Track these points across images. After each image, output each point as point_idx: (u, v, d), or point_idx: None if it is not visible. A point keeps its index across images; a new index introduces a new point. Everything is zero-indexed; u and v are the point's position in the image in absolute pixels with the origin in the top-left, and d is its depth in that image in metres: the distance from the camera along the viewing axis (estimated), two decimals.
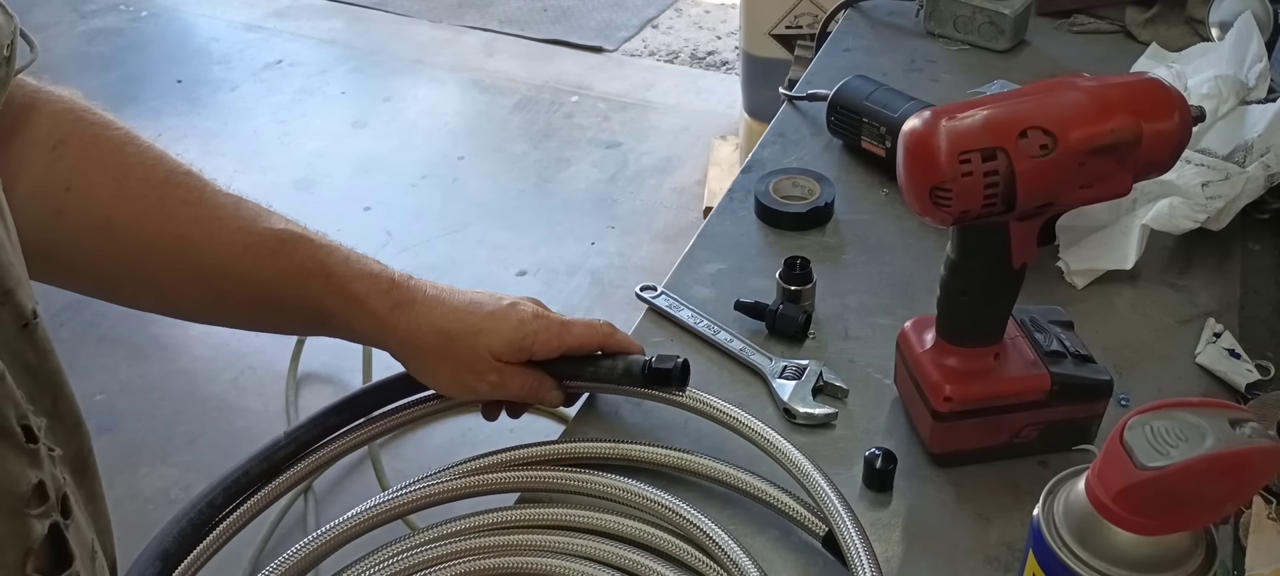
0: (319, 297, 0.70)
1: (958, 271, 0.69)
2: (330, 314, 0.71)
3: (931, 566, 0.68)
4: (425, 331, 0.72)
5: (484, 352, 0.73)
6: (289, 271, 0.70)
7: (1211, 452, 0.47)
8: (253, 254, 0.69)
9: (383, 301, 0.72)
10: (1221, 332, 0.84)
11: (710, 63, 3.56)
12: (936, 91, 1.16)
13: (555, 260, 2.65)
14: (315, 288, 0.70)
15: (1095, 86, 0.65)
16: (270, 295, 0.70)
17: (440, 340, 0.73)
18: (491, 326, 0.74)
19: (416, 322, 0.72)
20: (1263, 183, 0.91)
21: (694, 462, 0.71)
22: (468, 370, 0.73)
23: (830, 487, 0.66)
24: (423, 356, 0.74)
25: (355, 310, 0.71)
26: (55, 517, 0.47)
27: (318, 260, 0.71)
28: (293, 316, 0.73)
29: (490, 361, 0.73)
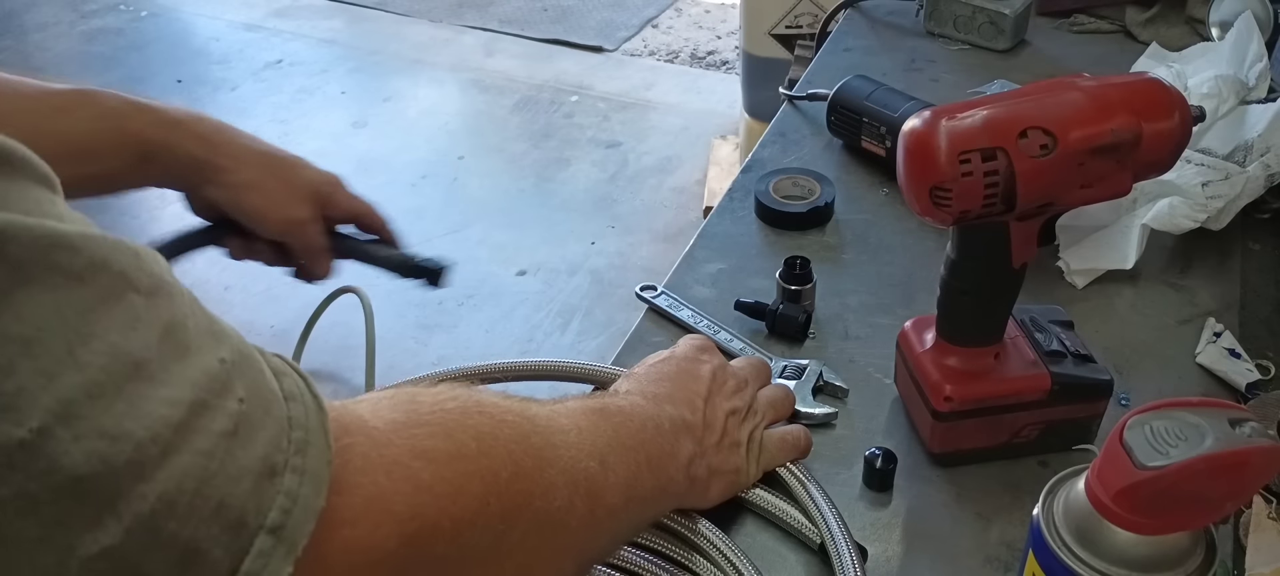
0: (140, 129, 0.70)
1: (958, 271, 0.69)
2: (154, 145, 0.71)
3: (931, 566, 0.68)
4: (251, 152, 0.75)
5: (303, 182, 0.77)
6: (105, 114, 0.69)
7: (1211, 452, 0.47)
8: (63, 110, 0.68)
9: (203, 125, 0.73)
10: (1222, 332, 0.84)
11: (710, 62, 3.56)
12: (936, 91, 1.16)
13: (555, 260, 2.65)
14: (136, 121, 0.70)
15: (1095, 86, 0.65)
16: (89, 145, 0.68)
17: (265, 161, 0.75)
18: (307, 164, 0.78)
19: (241, 143, 0.74)
20: (1263, 182, 0.91)
21: None
22: (289, 194, 0.76)
23: (825, 500, 0.66)
24: (247, 174, 0.75)
25: (181, 133, 0.72)
26: None
27: (128, 100, 0.71)
28: (114, 160, 0.70)
29: (308, 192, 0.77)
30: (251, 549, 0.34)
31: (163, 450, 0.32)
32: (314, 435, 0.37)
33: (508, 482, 0.45)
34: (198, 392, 0.33)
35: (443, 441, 0.43)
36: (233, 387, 0.34)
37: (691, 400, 0.66)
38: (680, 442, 0.62)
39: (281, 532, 0.34)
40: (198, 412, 0.33)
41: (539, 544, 0.48)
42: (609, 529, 0.55)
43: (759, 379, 0.74)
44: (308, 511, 0.35)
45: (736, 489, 0.68)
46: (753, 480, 0.69)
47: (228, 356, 0.35)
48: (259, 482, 0.34)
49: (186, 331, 0.34)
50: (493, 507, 0.44)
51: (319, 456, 0.36)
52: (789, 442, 0.71)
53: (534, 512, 0.47)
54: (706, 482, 0.65)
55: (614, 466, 0.54)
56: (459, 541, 0.42)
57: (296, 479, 0.35)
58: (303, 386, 0.38)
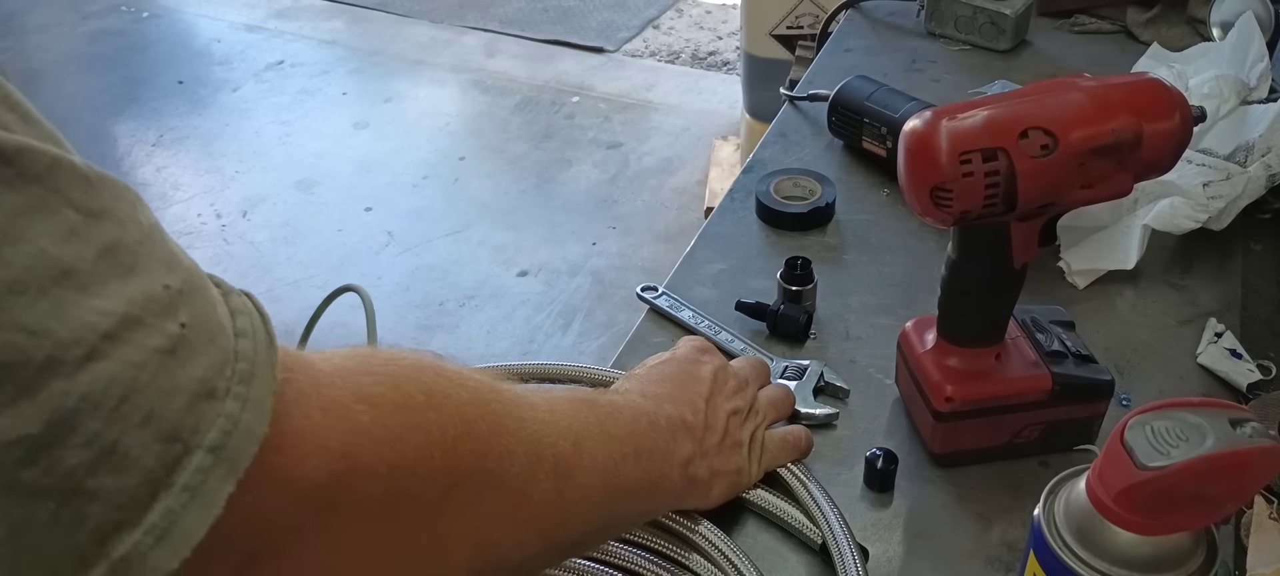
0: None
1: (959, 271, 0.69)
2: None
3: (932, 566, 0.68)
4: None
5: None
6: None
7: (1212, 452, 0.47)
8: None
9: None
10: (1223, 332, 0.84)
11: (711, 63, 3.57)
12: (937, 91, 1.16)
13: (556, 260, 2.65)
14: None
15: (1096, 86, 0.65)
16: None
17: None
18: None
19: None
20: (1264, 182, 0.91)
21: None
22: None
23: (826, 500, 0.66)
24: None
25: None
26: None
27: None
28: None
29: None
30: (189, 464, 0.35)
31: (87, 353, 0.33)
32: (260, 368, 0.37)
33: (455, 440, 0.45)
34: (133, 309, 0.34)
35: (388, 390, 0.44)
36: (175, 312, 0.36)
37: (692, 401, 0.66)
38: (678, 441, 0.62)
39: (221, 452, 0.35)
40: (131, 327, 0.34)
41: (494, 510, 0.48)
42: (583, 513, 0.54)
43: (759, 379, 0.74)
44: (249, 436, 0.36)
45: (738, 489, 0.68)
46: (754, 480, 0.69)
47: (175, 284, 0.36)
48: (196, 402, 0.35)
49: (132, 255, 0.36)
50: (437, 460, 0.44)
51: (263, 387, 0.37)
52: (790, 442, 0.71)
53: (486, 475, 0.47)
54: (708, 483, 0.65)
55: (591, 451, 0.54)
56: (396, 487, 0.42)
57: (238, 405, 0.36)
58: (258, 325, 0.39)
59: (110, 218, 0.36)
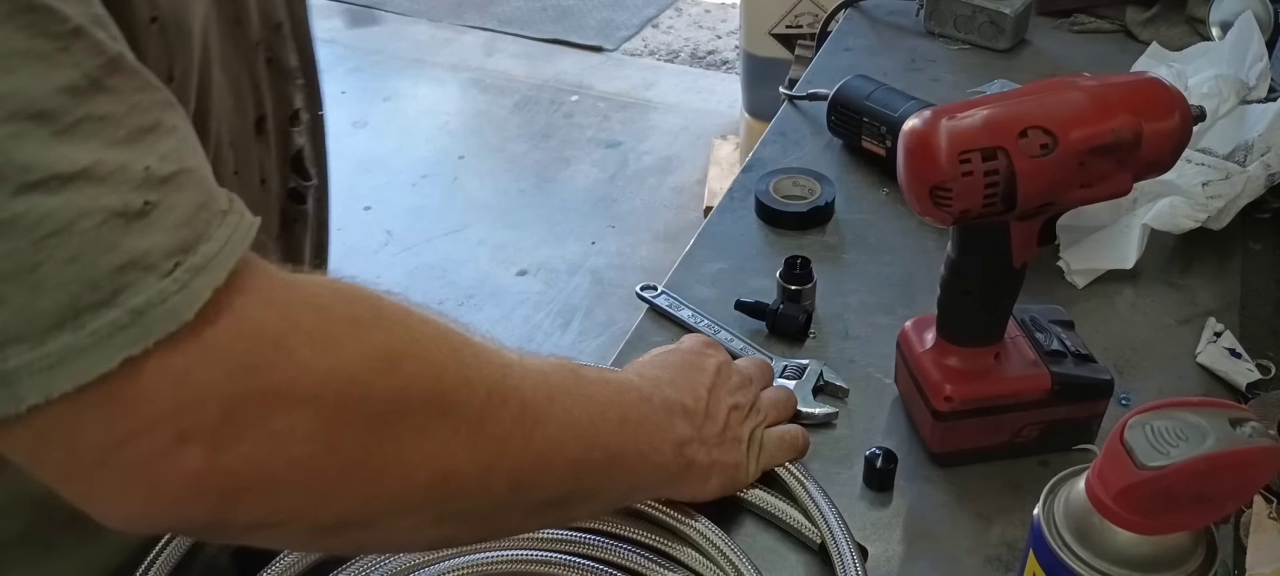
0: None
1: (958, 271, 0.69)
2: None
3: (932, 566, 0.68)
4: None
5: None
6: None
7: (1212, 452, 0.47)
8: None
9: None
10: (1222, 332, 0.84)
11: (710, 62, 3.57)
12: (937, 91, 1.16)
13: (556, 260, 2.66)
14: None
15: (1095, 86, 0.65)
16: None
17: None
18: None
19: None
20: (1263, 182, 0.91)
21: None
22: None
23: (825, 500, 0.66)
24: None
25: None
26: (304, 140, 0.74)
27: None
28: None
29: None
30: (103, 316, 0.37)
31: (32, 183, 0.36)
32: (215, 266, 0.40)
33: (401, 359, 0.46)
34: (100, 169, 0.38)
35: (339, 302, 0.45)
36: (145, 190, 0.39)
37: (693, 388, 0.66)
38: (674, 421, 0.62)
39: (139, 319, 0.38)
40: (91, 181, 0.37)
41: (451, 441, 0.47)
42: (556, 466, 0.53)
43: (763, 379, 0.74)
44: (172, 315, 0.38)
45: (735, 485, 0.68)
46: (752, 478, 0.69)
47: (159, 171, 0.39)
48: (131, 268, 0.38)
49: (127, 133, 0.39)
50: (380, 374, 0.44)
51: (208, 281, 0.39)
52: (788, 442, 0.71)
53: (440, 401, 0.47)
54: (706, 471, 0.65)
55: (566, 406, 0.54)
56: (334, 391, 0.43)
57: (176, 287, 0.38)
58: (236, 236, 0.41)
59: (121, 98, 0.39)
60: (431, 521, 0.49)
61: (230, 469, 0.41)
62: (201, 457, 0.40)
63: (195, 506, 0.41)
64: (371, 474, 0.45)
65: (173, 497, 0.40)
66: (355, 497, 0.45)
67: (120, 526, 0.41)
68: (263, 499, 0.42)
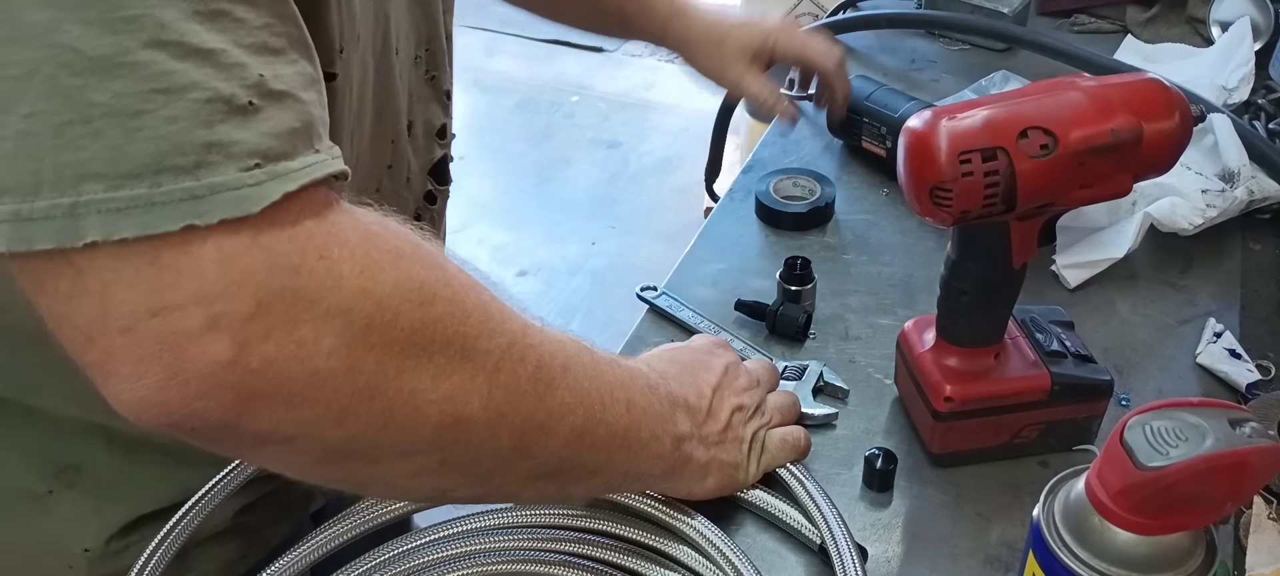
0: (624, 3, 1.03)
1: (958, 271, 0.69)
2: (629, 15, 1.03)
3: (932, 566, 0.68)
4: (701, 25, 1.02)
5: (735, 47, 1.01)
6: None
7: (1211, 452, 0.47)
8: None
9: (666, 8, 1.02)
10: (1222, 332, 0.84)
11: None
12: (936, 91, 1.16)
13: (556, 260, 2.66)
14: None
15: (1095, 86, 0.65)
16: None
17: (709, 31, 1.02)
18: (745, 29, 1.02)
19: (688, 25, 1.02)
20: (1244, 205, 0.93)
21: None
22: (721, 58, 1.01)
23: (825, 500, 0.66)
24: (691, 48, 1.03)
25: (646, 14, 1.02)
26: (447, 151, 0.81)
27: None
28: (606, 15, 1.04)
29: (739, 54, 1.01)
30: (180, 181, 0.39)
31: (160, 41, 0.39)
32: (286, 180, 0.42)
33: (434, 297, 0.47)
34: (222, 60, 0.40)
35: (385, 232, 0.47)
36: (252, 92, 0.41)
37: (698, 386, 0.66)
38: (676, 415, 0.63)
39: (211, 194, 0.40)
40: (211, 62, 0.40)
41: (468, 385, 0.49)
42: (561, 431, 0.54)
43: (770, 383, 0.75)
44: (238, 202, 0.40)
45: (734, 485, 0.68)
46: (752, 479, 0.69)
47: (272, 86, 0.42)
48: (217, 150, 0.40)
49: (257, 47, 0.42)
50: (412, 304, 0.46)
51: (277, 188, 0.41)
52: (790, 443, 0.71)
53: (463, 344, 0.48)
54: (703, 469, 0.65)
55: (578, 377, 0.55)
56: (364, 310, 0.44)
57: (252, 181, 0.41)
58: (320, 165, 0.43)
59: (260, 12, 0.43)
60: (434, 467, 0.50)
61: (252, 367, 0.41)
62: (226, 349, 0.40)
63: (210, 401, 0.41)
64: (387, 402, 0.46)
65: (190, 386, 0.41)
66: (367, 423, 0.46)
67: (128, 411, 0.41)
68: (277, 406, 0.43)
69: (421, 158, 0.77)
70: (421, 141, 0.77)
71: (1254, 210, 0.95)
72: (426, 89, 0.76)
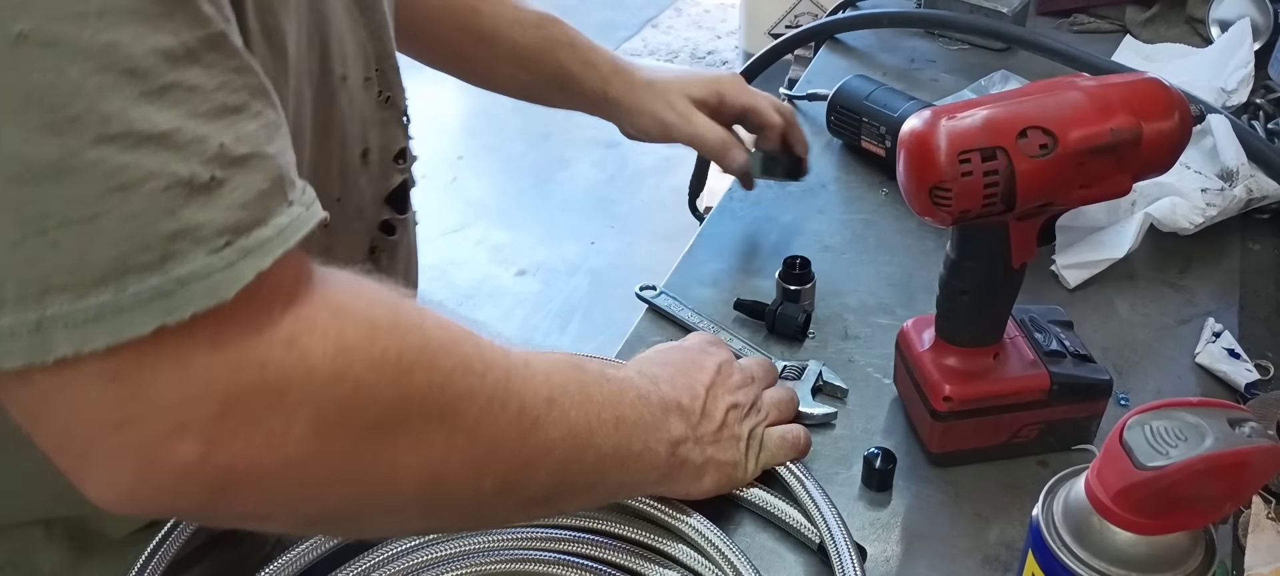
0: (563, 60, 0.93)
1: (957, 271, 0.69)
2: (570, 76, 0.93)
3: (931, 566, 0.68)
4: (639, 79, 0.94)
5: (679, 93, 0.93)
6: (544, 42, 0.93)
7: (1211, 452, 0.47)
8: (521, 24, 0.92)
9: (607, 65, 0.95)
10: (1221, 332, 0.84)
11: (710, 62, 3.56)
12: (936, 91, 1.16)
13: (555, 260, 2.66)
14: (563, 53, 0.93)
15: (1095, 86, 0.65)
16: (529, 57, 0.93)
17: (646, 90, 0.93)
18: (690, 77, 0.95)
19: (632, 79, 0.94)
20: (1244, 204, 0.93)
21: None
22: (664, 106, 0.93)
23: (824, 499, 0.66)
24: (635, 98, 0.93)
25: (588, 71, 0.94)
26: (409, 176, 0.77)
27: (567, 34, 0.94)
28: (541, 77, 0.94)
29: (682, 98, 0.93)
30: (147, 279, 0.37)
31: (111, 136, 0.37)
32: (259, 254, 0.40)
33: (411, 368, 0.46)
34: (178, 137, 0.38)
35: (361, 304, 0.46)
36: (215, 166, 0.39)
37: (692, 387, 0.66)
38: (669, 420, 0.63)
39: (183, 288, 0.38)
40: (166, 145, 0.38)
41: (447, 448, 0.48)
42: (547, 467, 0.54)
43: (767, 379, 0.75)
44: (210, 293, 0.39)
45: (732, 484, 0.68)
46: (750, 476, 0.69)
47: (235, 151, 0.40)
48: (184, 237, 0.38)
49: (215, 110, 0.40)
50: (387, 382, 0.45)
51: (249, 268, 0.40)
52: (789, 442, 0.71)
53: (440, 410, 0.48)
54: (700, 470, 0.65)
55: (565, 409, 0.54)
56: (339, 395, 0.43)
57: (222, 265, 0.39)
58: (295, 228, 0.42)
59: (213, 73, 0.40)
60: (419, 516, 0.51)
61: (221, 463, 0.41)
62: (194, 450, 0.40)
63: (184, 497, 0.41)
64: (363, 475, 0.46)
65: (162, 486, 0.41)
66: (345, 496, 0.46)
67: (107, 507, 0.41)
68: (252, 493, 0.43)
69: (376, 186, 0.73)
70: (376, 168, 0.72)
71: (1253, 210, 0.95)
72: (381, 112, 0.71)
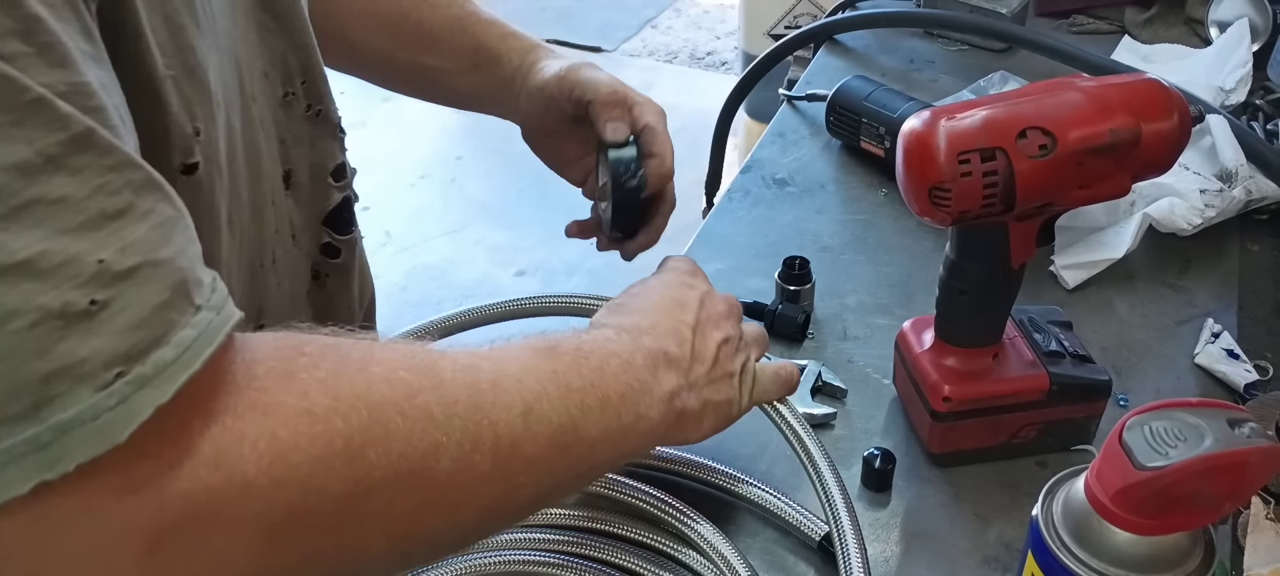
0: (481, 34, 0.83)
1: (957, 271, 0.69)
2: (487, 51, 0.82)
3: (930, 566, 0.68)
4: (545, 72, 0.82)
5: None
6: (456, 19, 0.82)
7: (1210, 453, 0.47)
8: (429, 4, 0.82)
9: (530, 39, 0.85)
10: (1220, 333, 0.84)
11: (709, 63, 3.57)
12: (935, 91, 1.16)
13: (554, 260, 2.65)
14: (481, 28, 0.83)
15: (1094, 87, 0.65)
16: (439, 37, 0.82)
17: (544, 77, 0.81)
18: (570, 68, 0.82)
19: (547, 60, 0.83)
20: (1242, 205, 0.93)
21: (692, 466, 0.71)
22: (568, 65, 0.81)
23: (837, 487, 0.65)
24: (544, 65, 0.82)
25: (512, 41, 0.83)
26: (349, 193, 0.69)
27: (482, 12, 0.84)
28: (450, 58, 0.83)
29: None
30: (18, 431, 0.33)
31: None
32: (163, 379, 0.36)
33: (364, 446, 0.42)
34: (43, 262, 0.34)
35: (293, 397, 0.41)
36: (94, 287, 0.35)
37: (677, 330, 0.62)
38: (660, 376, 0.59)
39: (64, 437, 0.34)
40: (29, 275, 0.33)
41: (418, 506, 0.45)
42: (532, 480, 0.51)
43: (737, 313, 0.70)
44: (99, 436, 0.34)
45: (729, 421, 0.64)
46: (745, 411, 0.65)
47: (116, 265, 0.35)
48: (61, 377, 0.34)
49: (85, 219, 0.35)
50: (337, 470, 0.41)
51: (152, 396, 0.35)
52: (782, 377, 0.68)
53: (406, 475, 0.44)
54: (699, 415, 0.61)
55: (543, 415, 0.51)
56: (285, 502, 0.40)
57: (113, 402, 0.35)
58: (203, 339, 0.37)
59: (83, 178, 0.35)
60: (398, 565, 0.47)
61: None
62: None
63: None
64: (330, 560, 0.43)
65: None
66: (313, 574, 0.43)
67: None
68: None
69: (309, 208, 0.67)
70: (307, 189, 0.66)
71: (1252, 211, 0.95)
72: (309, 128, 0.65)
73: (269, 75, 0.61)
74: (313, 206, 0.67)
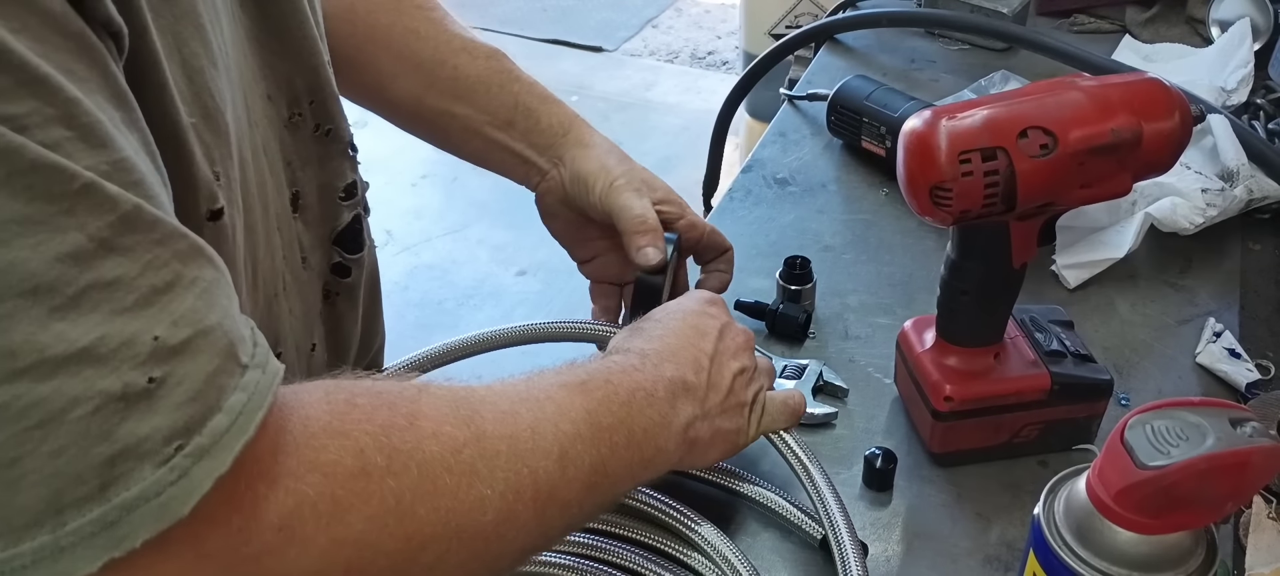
0: (518, 92, 0.82)
1: (958, 271, 0.69)
2: (525, 110, 0.81)
3: (931, 566, 0.68)
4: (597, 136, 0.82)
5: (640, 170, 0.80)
6: (497, 72, 0.82)
7: (1212, 452, 0.47)
8: (468, 52, 0.82)
9: (568, 109, 0.84)
10: (1222, 332, 0.84)
11: (710, 62, 3.57)
12: (936, 91, 1.16)
13: (555, 260, 2.64)
14: (516, 89, 0.82)
15: (1095, 86, 0.65)
16: (473, 88, 0.81)
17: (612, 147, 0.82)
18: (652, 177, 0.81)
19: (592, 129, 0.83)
20: (1244, 204, 0.93)
21: None
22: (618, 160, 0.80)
23: (830, 491, 0.66)
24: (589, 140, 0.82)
25: (550, 106, 0.83)
26: (359, 211, 0.70)
27: (520, 70, 0.83)
28: (484, 110, 0.82)
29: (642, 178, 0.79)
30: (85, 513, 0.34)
31: (22, 369, 0.33)
32: (222, 447, 0.37)
33: (415, 503, 0.44)
34: (102, 347, 0.34)
35: (348, 456, 0.42)
36: (152, 365, 0.35)
37: (696, 359, 0.63)
38: (677, 406, 0.60)
39: (129, 516, 0.34)
40: (88, 362, 0.34)
41: (465, 558, 0.47)
42: (564, 521, 0.53)
43: (753, 343, 0.71)
44: (163, 512, 0.35)
45: (735, 450, 0.65)
46: (751, 441, 0.67)
47: (170, 339, 0.36)
48: (123, 458, 0.34)
49: (138, 298, 0.35)
50: (391, 529, 0.43)
51: (211, 467, 0.36)
52: (790, 407, 0.69)
53: (455, 530, 0.46)
54: (707, 444, 0.63)
55: (577, 458, 0.53)
56: (342, 560, 0.41)
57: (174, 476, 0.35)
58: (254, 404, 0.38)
59: (134, 257, 0.36)
60: None
61: None
62: None
63: None
64: None
65: None
66: None
67: None
68: None
69: (317, 229, 0.67)
70: (316, 210, 0.66)
71: (1253, 210, 0.95)
72: (317, 148, 0.65)
73: (273, 98, 0.61)
74: (322, 227, 0.67)
